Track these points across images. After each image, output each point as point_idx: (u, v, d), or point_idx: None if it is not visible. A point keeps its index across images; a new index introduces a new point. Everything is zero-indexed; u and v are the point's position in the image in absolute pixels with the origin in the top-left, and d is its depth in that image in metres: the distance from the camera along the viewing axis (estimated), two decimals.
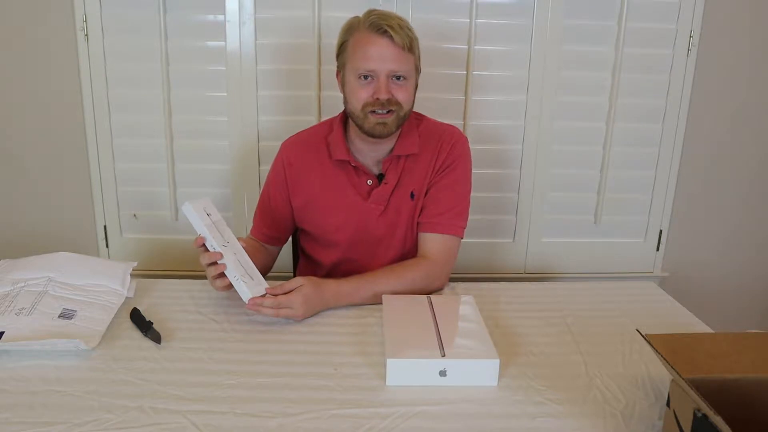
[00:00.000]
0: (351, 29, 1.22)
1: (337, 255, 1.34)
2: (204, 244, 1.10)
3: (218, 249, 1.08)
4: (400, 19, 1.20)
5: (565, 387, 0.92)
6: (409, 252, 1.33)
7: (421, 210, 1.30)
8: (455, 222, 1.29)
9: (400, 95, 1.21)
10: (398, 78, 1.20)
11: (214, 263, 1.09)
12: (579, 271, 1.97)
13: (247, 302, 1.08)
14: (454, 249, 1.30)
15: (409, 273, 1.23)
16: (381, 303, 1.14)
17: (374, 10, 1.22)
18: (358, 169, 1.30)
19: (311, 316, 1.13)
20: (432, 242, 1.28)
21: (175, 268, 1.81)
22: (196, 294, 1.21)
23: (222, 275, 1.10)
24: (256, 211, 1.41)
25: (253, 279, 1.11)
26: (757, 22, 1.81)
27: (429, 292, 1.23)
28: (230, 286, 1.11)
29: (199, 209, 1.10)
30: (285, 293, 1.10)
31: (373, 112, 1.20)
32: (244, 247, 1.14)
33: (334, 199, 1.31)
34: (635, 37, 1.77)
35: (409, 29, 1.21)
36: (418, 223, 1.31)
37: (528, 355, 1.01)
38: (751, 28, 1.81)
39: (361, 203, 1.30)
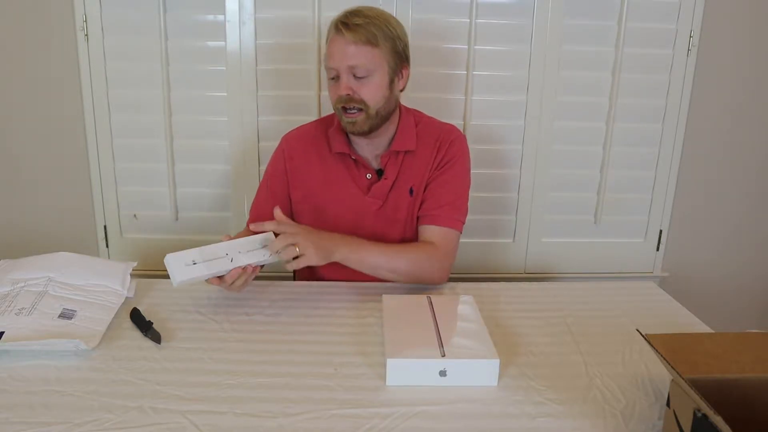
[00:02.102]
0: (328, 31, 1.24)
1: None
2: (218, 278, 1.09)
3: (232, 267, 1.08)
4: (367, 15, 1.20)
5: (565, 387, 0.92)
6: None
7: (421, 205, 1.31)
8: (454, 215, 1.30)
9: (364, 92, 1.21)
10: (358, 74, 1.20)
11: (239, 276, 1.10)
12: (579, 271, 1.97)
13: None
14: (454, 242, 1.30)
15: (413, 248, 1.24)
16: (379, 272, 1.17)
17: (347, 9, 1.22)
18: (358, 163, 1.31)
19: (312, 310, 1.13)
20: (432, 233, 1.28)
21: None
22: (196, 294, 1.21)
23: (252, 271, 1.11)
24: (253, 204, 1.41)
25: (266, 244, 1.13)
26: (757, 22, 1.81)
27: (428, 278, 1.24)
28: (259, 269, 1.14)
29: (185, 271, 1.06)
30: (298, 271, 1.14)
31: (345, 110, 1.22)
32: (231, 238, 1.14)
33: (334, 192, 1.32)
34: (635, 37, 1.77)
35: (376, 24, 1.19)
36: (417, 217, 1.32)
37: (528, 355, 1.01)
38: (751, 28, 1.81)
39: (360, 197, 1.31)
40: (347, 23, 1.18)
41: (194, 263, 1.07)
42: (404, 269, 1.21)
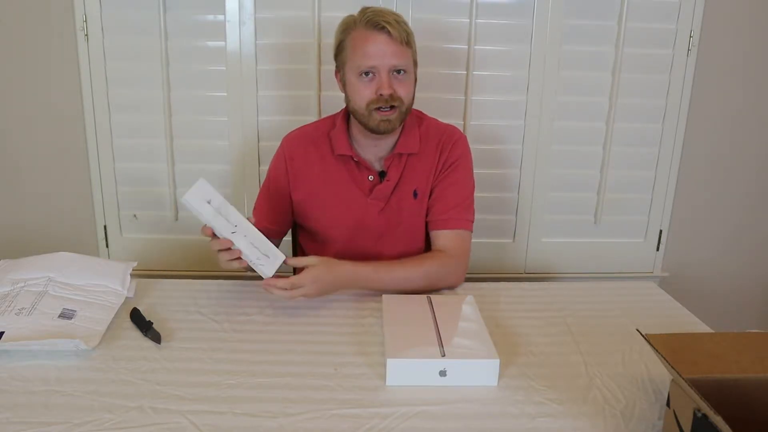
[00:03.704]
0: (347, 28, 1.23)
1: (334, 252, 1.34)
2: (213, 232, 1.09)
3: (228, 237, 1.08)
4: (396, 14, 1.22)
5: (565, 387, 0.92)
6: (416, 252, 1.34)
7: (429, 209, 1.33)
8: (464, 216, 1.32)
9: (402, 90, 1.22)
10: (399, 72, 1.21)
11: (227, 249, 1.09)
12: (579, 271, 1.97)
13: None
14: (467, 242, 1.32)
15: (427, 262, 1.24)
16: (396, 293, 1.17)
17: (369, 8, 1.23)
18: (360, 165, 1.31)
19: (312, 310, 1.13)
20: (444, 238, 1.30)
21: (175, 268, 1.81)
22: (196, 294, 1.21)
23: (238, 258, 1.10)
24: (255, 204, 1.41)
25: (269, 256, 1.12)
26: (757, 22, 1.81)
27: (445, 286, 1.26)
28: (248, 265, 1.12)
29: (198, 200, 1.06)
30: (298, 270, 1.14)
31: (378, 109, 1.21)
32: (253, 223, 1.13)
33: (335, 194, 1.32)
34: (635, 37, 1.77)
35: (405, 23, 1.22)
36: (427, 222, 1.33)
37: (528, 355, 1.01)
38: (751, 28, 1.81)
39: (362, 199, 1.31)
40: (390, 22, 1.19)
41: (209, 202, 1.07)
42: (421, 287, 1.23)
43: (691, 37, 1.79)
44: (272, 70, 1.75)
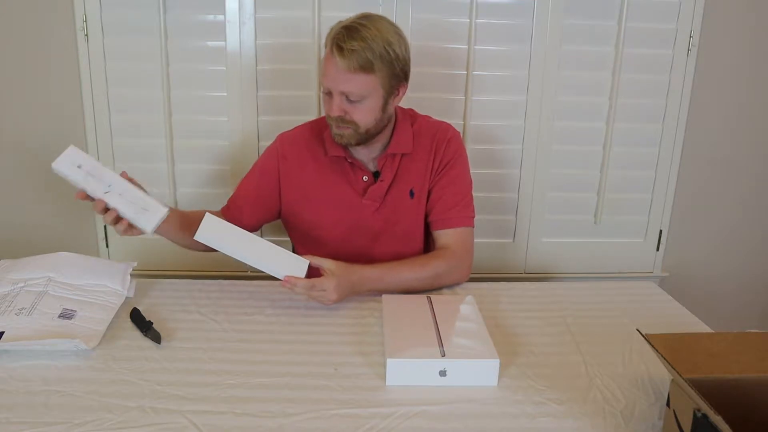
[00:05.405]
0: (328, 37, 1.20)
1: (328, 253, 1.34)
2: (89, 196, 1.09)
3: (101, 197, 1.08)
4: (365, 39, 1.14)
5: (565, 387, 0.92)
6: (415, 251, 1.34)
7: (430, 210, 1.33)
8: (464, 213, 1.33)
9: (356, 115, 1.20)
10: (351, 98, 1.18)
11: (106, 210, 1.08)
12: (579, 271, 1.97)
13: (151, 232, 1.09)
14: (470, 239, 1.33)
15: (433, 261, 1.26)
16: (404, 293, 1.19)
17: (342, 25, 1.17)
18: (354, 166, 1.31)
19: (312, 310, 1.13)
20: (447, 237, 1.31)
21: (175, 268, 1.81)
22: (196, 294, 1.21)
23: (118, 219, 1.09)
24: (233, 195, 1.40)
25: (148, 210, 1.10)
26: (757, 22, 1.81)
27: (451, 283, 1.27)
28: (129, 224, 1.10)
29: (67, 165, 1.08)
30: (312, 271, 1.14)
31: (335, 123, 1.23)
32: (130, 180, 1.13)
33: (329, 195, 1.32)
34: (635, 37, 1.77)
35: (372, 49, 1.14)
36: (429, 223, 1.34)
37: (528, 355, 1.01)
38: (751, 28, 1.81)
39: (357, 199, 1.31)
40: (342, 48, 1.13)
41: (79, 167, 1.09)
42: (429, 286, 1.24)
43: (691, 37, 1.79)
44: (272, 70, 1.75)
